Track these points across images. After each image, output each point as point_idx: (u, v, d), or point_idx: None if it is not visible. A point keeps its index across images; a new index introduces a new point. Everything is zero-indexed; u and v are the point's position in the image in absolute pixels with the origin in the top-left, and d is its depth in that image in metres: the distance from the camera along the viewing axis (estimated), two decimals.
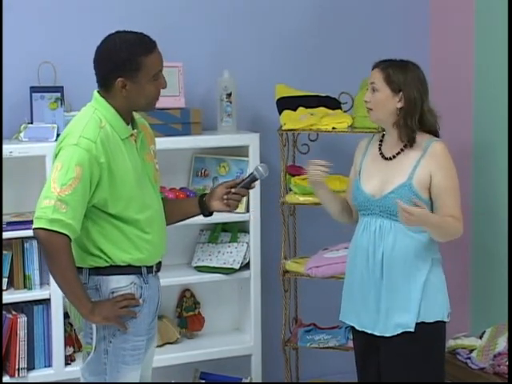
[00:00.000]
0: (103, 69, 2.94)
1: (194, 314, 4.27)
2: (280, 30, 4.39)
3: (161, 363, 4.04)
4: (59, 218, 2.81)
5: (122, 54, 2.90)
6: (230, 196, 3.14)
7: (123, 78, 2.90)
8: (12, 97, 3.91)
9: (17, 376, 3.80)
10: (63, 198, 2.82)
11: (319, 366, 4.48)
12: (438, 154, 3.18)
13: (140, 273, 3.01)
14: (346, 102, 4.16)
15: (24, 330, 3.81)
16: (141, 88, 2.93)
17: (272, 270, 4.18)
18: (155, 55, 2.95)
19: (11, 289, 3.83)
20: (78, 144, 2.86)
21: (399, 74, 3.19)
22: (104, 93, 2.97)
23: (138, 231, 2.99)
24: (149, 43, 2.95)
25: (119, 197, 2.93)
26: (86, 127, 2.90)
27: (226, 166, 4.20)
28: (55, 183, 2.83)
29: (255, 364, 4.21)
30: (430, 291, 3.19)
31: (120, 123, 2.97)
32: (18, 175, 3.90)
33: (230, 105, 4.14)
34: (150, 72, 2.93)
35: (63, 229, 2.83)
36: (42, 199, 2.85)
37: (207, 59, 4.25)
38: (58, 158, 2.90)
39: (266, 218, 4.18)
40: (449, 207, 3.18)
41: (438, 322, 3.20)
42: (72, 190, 2.83)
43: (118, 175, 2.92)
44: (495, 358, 3.74)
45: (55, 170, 2.86)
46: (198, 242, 4.26)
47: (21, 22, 3.98)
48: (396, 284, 3.21)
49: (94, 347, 2.98)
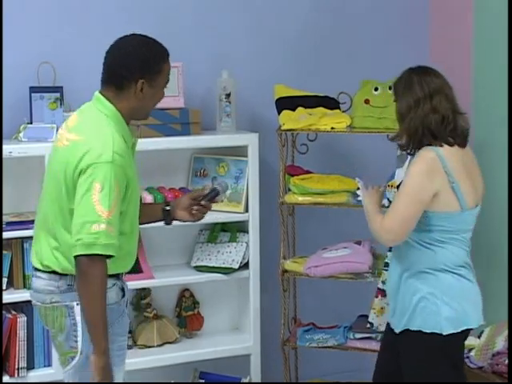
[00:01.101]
0: (124, 68, 2.87)
1: (193, 314, 4.26)
2: (279, 30, 4.39)
3: (160, 363, 4.10)
4: (112, 242, 2.75)
5: (149, 56, 2.87)
6: (199, 208, 3.17)
7: (144, 79, 2.86)
8: (12, 97, 3.91)
9: (16, 376, 3.79)
10: (111, 221, 2.75)
11: (318, 365, 4.48)
12: (414, 159, 3.13)
13: (118, 276, 2.98)
14: (344, 102, 4.16)
15: (24, 330, 3.80)
16: (154, 94, 2.91)
17: (271, 269, 4.18)
18: (169, 64, 2.95)
19: (11, 289, 3.83)
20: (113, 161, 2.76)
21: (397, 84, 3.21)
22: (114, 94, 2.89)
23: (132, 243, 2.97)
24: (167, 51, 2.94)
25: (131, 210, 2.90)
26: (115, 140, 2.81)
27: (225, 166, 4.20)
28: (101, 205, 2.73)
29: (254, 363, 4.21)
30: (423, 301, 3.13)
31: (127, 131, 2.92)
32: (18, 175, 3.89)
33: (229, 105, 4.14)
34: (165, 79, 2.93)
35: (115, 251, 2.78)
36: (90, 224, 2.73)
37: (206, 60, 4.25)
38: (94, 176, 2.76)
39: (265, 218, 4.18)
40: (390, 209, 3.14)
41: (434, 333, 3.12)
42: (116, 211, 2.77)
43: (133, 188, 2.89)
44: (494, 357, 3.74)
45: (95, 191, 2.74)
46: (198, 242, 4.26)
47: (21, 23, 3.97)
48: (394, 285, 3.23)
49: (80, 351, 2.91)
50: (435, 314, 3.12)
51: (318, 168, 4.25)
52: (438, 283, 3.13)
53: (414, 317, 3.15)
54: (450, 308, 3.12)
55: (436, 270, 3.14)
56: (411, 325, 3.16)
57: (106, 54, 2.92)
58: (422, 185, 3.07)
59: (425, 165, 3.08)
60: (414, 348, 3.19)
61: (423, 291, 3.13)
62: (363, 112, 4.07)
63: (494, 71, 4.20)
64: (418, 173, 3.08)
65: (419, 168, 3.08)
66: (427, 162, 3.08)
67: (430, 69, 3.21)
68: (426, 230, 3.12)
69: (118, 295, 2.97)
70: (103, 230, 2.72)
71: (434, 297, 3.13)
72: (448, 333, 3.12)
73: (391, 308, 3.30)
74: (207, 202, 3.20)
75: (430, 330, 3.12)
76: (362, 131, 4.03)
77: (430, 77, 3.16)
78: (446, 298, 3.13)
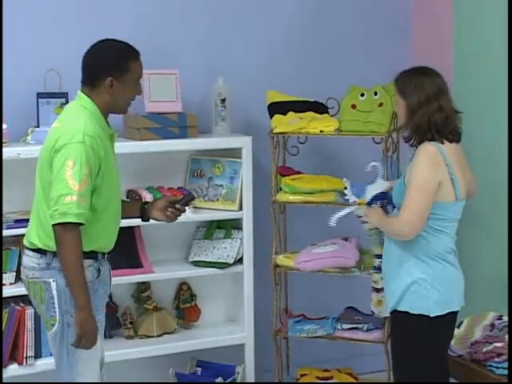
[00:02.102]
0: (94, 68, 3.15)
1: (190, 306, 4.31)
2: (270, 40, 4.41)
3: (159, 352, 4.12)
4: (82, 211, 3.01)
5: (114, 56, 3.13)
6: (173, 210, 3.40)
7: (112, 77, 3.11)
8: (20, 102, 3.96)
9: (25, 364, 3.88)
10: (82, 193, 3.01)
11: (308, 354, 4.50)
12: (418, 153, 3.21)
13: (96, 258, 3.19)
14: (332, 106, 4.18)
15: (31, 321, 3.87)
16: (125, 89, 3.15)
17: (264, 264, 4.21)
18: (140, 62, 3.19)
19: (19, 282, 3.78)
20: (84, 142, 3.03)
21: (403, 82, 3.27)
22: (89, 91, 3.16)
23: (106, 222, 3.18)
24: (136, 51, 3.19)
25: (104, 189, 3.12)
26: (87, 124, 3.08)
27: (221, 167, 4.23)
28: (73, 180, 3.00)
29: (248, 352, 4.24)
30: (414, 284, 3.24)
31: (104, 123, 3.17)
32: (25, 176, 3.78)
33: (224, 109, 4.18)
34: (134, 76, 3.16)
35: (85, 220, 3.03)
36: (63, 196, 3.00)
37: (203, 67, 4.28)
38: (66, 155, 3.02)
39: (258, 216, 4.21)
40: (403, 204, 3.22)
41: (422, 315, 3.23)
42: (87, 185, 3.02)
43: (107, 169, 3.12)
44: (472, 346, 3.79)
45: (68, 168, 3.01)
46: (195, 239, 4.30)
47: (28, 34, 4.01)
48: (388, 269, 3.35)
49: (58, 320, 3.15)
50: (425, 297, 3.23)
51: (307, 169, 4.27)
52: (429, 269, 3.25)
53: (404, 299, 3.26)
54: (438, 292, 3.24)
55: (428, 257, 3.25)
56: (400, 306, 3.28)
57: (83, 58, 3.19)
58: (428, 176, 3.17)
59: (428, 158, 3.19)
60: (401, 328, 3.31)
61: (415, 276, 3.24)
62: (350, 116, 4.10)
63: (474, 73, 4.24)
64: (423, 166, 3.18)
65: (423, 162, 3.19)
66: (430, 155, 3.19)
67: (433, 70, 3.31)
68: None
69: (94, 275, 3.18)
70: (75, 201, 3.00)
71: (425, 282, 3.24)
72: (435, 315, 3.23)
73: (386, 291, 3.39)
74: (181, 206, 3.42)
75: (417, 311, 3.24)
76: (349, 134, 4.07)
77: (437, 77, 3.27)
78: (435, 284, 3.24)
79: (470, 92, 4.17)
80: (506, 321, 3.92)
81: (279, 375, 4.32)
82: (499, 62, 4.11)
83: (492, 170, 4.16)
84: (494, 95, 4.19)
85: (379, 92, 4.13)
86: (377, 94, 4.14)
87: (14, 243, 3.91)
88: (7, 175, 3.85)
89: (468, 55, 4.35)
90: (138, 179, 4.19)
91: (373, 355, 4.44)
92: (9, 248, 3.91)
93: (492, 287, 4.24)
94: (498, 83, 4.14)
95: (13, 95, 3.97)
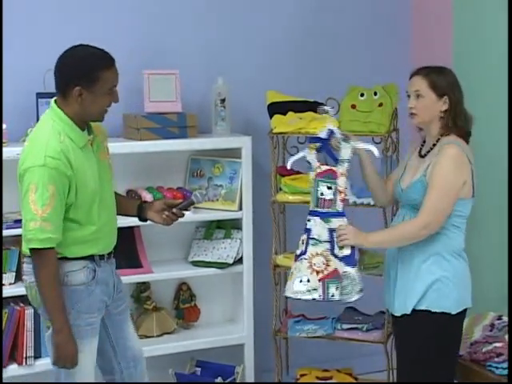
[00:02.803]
0: (63, 76, 3.09)
1: (190, 306, 4.32)
2: (270, 40, 4.43)
3: (159, 352, 4.12)
4: (48, 236, 3.00)
5: (83, 66, 3.06)
6: (169, 214, 3.37)
7: (81, 87, 3.05)
8: (20, 102, 3.96)
9: (24, 364, 3.89)
10: (46, 218, 3.00)
11: (308, 354, 4.51)
12: (444, 153, 3.24)
13: (93, 259, 3.19)
14: (332, 106, 3.97)
15: (31, 321, 3.88)
16: (95, 98, 3.07)
17: (263, 264, 4.21)
18: (112, 71, 3.10)
19: (18, 282, 3.87)
20: (45, 164, 3.00)
21: (442, 79, 3.28)
22: (61, 100, 3.11)
23: (93, 231, 3.16)
24: (109, 59, 3.10)
25: (80, 205, 3.10)
26: (49, 145, 3.03)
27: (220, 167, 4.24)
28: (35, 205, 2.99)
29: (248, 352, 4.26)
30: (437, 283, 3.25)
31: (76, 132, 3.10)
32: None
33: (223, 109, 4.20)
34: (105, 85, 3.08)
35: (52, 244, 3.02)
36: (28, 222, 3.02)
37: (202, 67, 4.30)
38: (30, 179, 3.01)
39: (258, 216, 4.22)
40: (422, 204, 3.24)
41: (443, 313, 3.25)
42: (52, 208, 3.00)
43: (79, 185, 3.08)
44: (472, 346, 3.80)
45: (31, 193, 2.99)
46: (194, 239, 4.32)
47: (28, 34, 4.02)
48: (405, 270, 3.33)
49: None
50: (447, 295, 3.26)
51: (307, 169, 4.18)
52: (450, 267, 3.28)
53: (425, 298, 3.26)
54: (458, 290, 3.27)
55: (449, 254, 3.28)
56: (420, 305, 3.26)
57: (55, 64, 3.12)
58: (453, 179, 3.22)
59: (455, 161, 3.23)
60: (420, 328, 3.30)
61: (437, 274, 3.26)
62: (350, 116, 4.10)
63: (474, 73, 4.23)
64: (449, 169, 3.22)
65: (449, 164, 3.22)
66: (456, 157, 3.23)
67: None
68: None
69: (88, 277, 3.17)
70: (37, 227, 2.99)
71: (447, 279, 3.26)
72: (456, 312, 3.26)
73: (396, 292, 3.36)
74: (178, 210, 3.38)
75: (439, 309, 3.24)
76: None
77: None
78: (456, 281, 3.27)
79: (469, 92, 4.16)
80: (506, 321, 3.93)
81: (279, 375, 4.33)
82: (499, 62, 4.12)
83: (492, 170, 4.16)
84: (493, 95, 4.20)
85: (379, 92, 4.14)
86: (376, 94, 4.14)
87: (14, 243, 3.91)
88: (6, 175, 3.86)
89: (468, 55, 4.36)
90: (137, 179, 4.20)
91: (372, 355, 4.45)
92: (8, 248, 3.92)
93: (492, 287, 4.24)
94: (497, 83, 4.15)
95: (12, 95, 3.98)
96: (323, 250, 3.42)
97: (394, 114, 4.12)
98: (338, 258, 3.40)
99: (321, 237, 3.45)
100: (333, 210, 3.46)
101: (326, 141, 3.52)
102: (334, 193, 3.46)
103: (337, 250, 3.41)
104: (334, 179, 3.47)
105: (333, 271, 3.38)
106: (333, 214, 3.46)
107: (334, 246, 3.41)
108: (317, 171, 3.52)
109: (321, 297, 3.39)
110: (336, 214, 3.46)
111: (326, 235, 3.44)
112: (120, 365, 3.39)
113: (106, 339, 3.34)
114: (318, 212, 3.49)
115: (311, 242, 3.46)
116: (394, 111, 4.13)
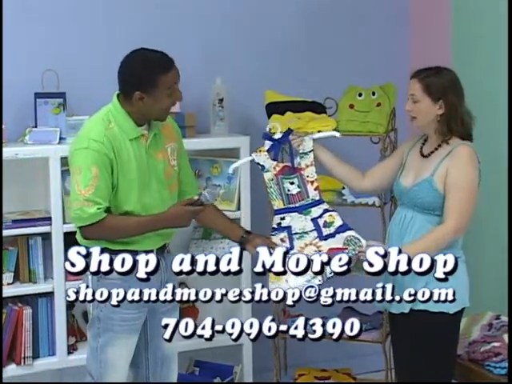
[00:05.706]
0: (124, 82, 3.20)
1: (188, 306, 4.31)
2: (268, 40, 4.47)
3: None
4: (91, 211, 3.11)
5: (142, 72, 3.15)
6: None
7: (141, 92, 3.15)
8: (18, 102, 4.00)
9: (23, 364, 3.91)
10: (88, 198, 3.12)
11: (306, 354, 4.48)
12: (460, 154, 3.25)
13: (135, 252, 3.19)
14: (330, 106, 4.18)
15: (29, 321, 3.91)
16: (157, 101, 3.19)
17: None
18: (172, 73, 3.21)
19: (17, 282, 3.93)
20: (88, 147, 3.13)
21: (437, 83, 3.27)
22: (123, 99, 3.22)
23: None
24: (167, 62, 3.20)
25: (121, 190, 3.19)
26: (93, 130, 3.18)
27: (219, 167, 4.25)
28: (79, 186, 3.13)
29: (246, 352, 4.26)
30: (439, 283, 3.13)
31: (129, 125, 3.21)
32: (23, 176, 3.98)
33: (222, 110, 4.22)
34: (163, 89, 3.18)
35: (96, 218, 3.13)
36: (73, 202, 3.16)
37: (201, 67, 4.31)
38: (74, 162, 3.17)
39: (256, 215, 4.21)
40: (448, 208, 3.23)
41: (441, 313, 3.23)
42: (94, 188, 3.12)
43: (121, 170, 3.18)
44: (470, 345, 3.81)
45: (76, 174, 3.14)
46: (193, 239, 4.31)
47: (27, 34, 4.05)
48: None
49: (91, 312, 3.26)
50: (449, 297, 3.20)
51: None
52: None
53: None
54: (458, 289, 3.20)
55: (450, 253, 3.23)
56: (418, 305, 3.20)
57: (118, 69, 3.22)
58: (475, 178, 3.26)
59: (473, 160, 3.27)
60: (420, 327, 3.30)
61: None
62: (348, 116, 4.12)
63: (473, 74, 4.24)
64: (470, 168, 3.25)
65: (469, 163, 3.25)
66: (473, 156, 3.27)
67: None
68: None
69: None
70: (81, 207, 3.15)
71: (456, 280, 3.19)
72: (454, 311, 3.27)
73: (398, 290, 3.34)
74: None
75: (437, 309, 3.21)
76: (346, 134, 4.02)
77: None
78: (454, 280, 3.19)
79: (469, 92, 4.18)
80: (504, 320, 3.94)
81: (277, 375, 4.34)
82: (499, 62, 4.13)
83: (492, 170, 4.12)
84: (493, 96, 4.21)
85: (377, 92, 4.15)
86: (375, 94, 4.16)
87: (12, 243, 3.93)
88: (5, 175, 3.87)
89: (467, 56, 4.37)
90: None
91: (371, 355, 4.46)
92: (6, 248, 3.93)
93: (490, 287, 4.25)
94: (497, 83, 4.17)
95: (11, 95, 4.02)
96: (311, 240, 3.45)
97: (392, 113, 4.14)
98: (331, 235, 3.41)
99: (305, 229, 3.48)
100: (307, 202, 3.50)
101: (278, 141, 3.58)
102: (299, 185, 3.51)
103: (325, 231, 3.43)
104: (293, 174, 3.54)
105: (328, 251, 3.38)
106: (310, 205, 3.51)
107: (321, 230, 3.43)
108: (276, 170, 3.57)
109: (320, 281, 3.41)
110: (313, 203, 3.51)
111: (310, 225, 3.48)
112: (148, 361, 3.45)
113: (142, 333, 3.38)
114: (291, 208, 3.53)
115: (296, 237, 3.50)
116: (392, 111, 4.14)
